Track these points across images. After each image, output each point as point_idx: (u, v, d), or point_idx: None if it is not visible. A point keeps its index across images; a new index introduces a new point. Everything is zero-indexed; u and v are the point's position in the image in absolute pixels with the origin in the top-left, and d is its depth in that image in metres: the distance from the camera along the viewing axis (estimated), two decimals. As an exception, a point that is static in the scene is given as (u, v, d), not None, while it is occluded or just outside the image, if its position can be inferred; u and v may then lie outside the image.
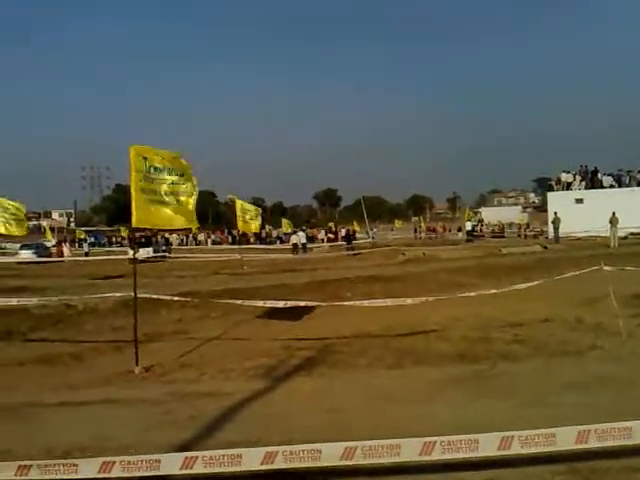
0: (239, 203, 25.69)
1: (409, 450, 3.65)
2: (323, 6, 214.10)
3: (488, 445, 3.65)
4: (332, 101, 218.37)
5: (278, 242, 52.28)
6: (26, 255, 36.12)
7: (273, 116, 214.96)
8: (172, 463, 3.79)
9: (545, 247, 30.09)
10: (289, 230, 45.47)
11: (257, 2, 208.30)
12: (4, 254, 40.33)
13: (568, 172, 42.92)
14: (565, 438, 3.65)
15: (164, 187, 8.81)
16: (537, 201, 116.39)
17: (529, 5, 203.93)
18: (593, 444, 3.64)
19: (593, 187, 41.09)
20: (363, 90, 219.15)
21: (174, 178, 8.95)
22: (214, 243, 56.50)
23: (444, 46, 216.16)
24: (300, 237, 39.09)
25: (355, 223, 59.03)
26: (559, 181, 43.35)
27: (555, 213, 35.76)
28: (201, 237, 61.47)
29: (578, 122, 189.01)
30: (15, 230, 20.37)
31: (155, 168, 8.71)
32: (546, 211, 44.87)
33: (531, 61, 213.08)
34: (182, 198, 9.05)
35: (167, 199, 8.85)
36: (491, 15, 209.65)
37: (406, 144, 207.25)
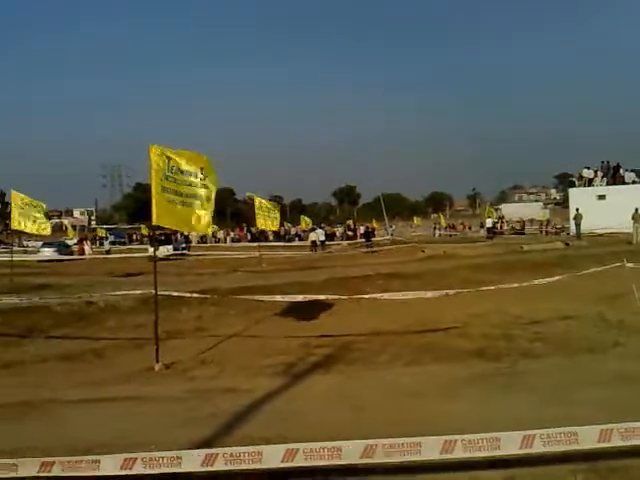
0: (258, 201, 25.77)
1: (430, 448, 3.63)
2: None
3: (510, 443, 3.61)
4: (350, 97, 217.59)
5: (297, 239, 52.29)
6: (48, 253, 36.52)
7: (293, 112, 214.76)
8: (193, 460, 3.80)
9: (567, 244, 29.78)
10: (308, 227, 45.53)
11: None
12: (26, 252, 40.79)
13: (590, 168, 42.45)
14: (587, 436, 3.61)
15: (184, 188, 8.87)
16: (558, 197, 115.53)
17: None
18: (616, 443, 3.58)
19: (615, 183, 40.60)
20: (381, 86, 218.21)
21: (194, 180, 9.00)
22: (233, 241, 56.61)
23: (463, 41, 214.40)
24: (319, 234, 39.07)
25: (374, 220, 59.00)
26: (581, 177, 42.90)
27: (577, 209, 35.41)
28: (220, 235, 61.67)
29: (600, 117, 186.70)
30: (38, 228, 20.59)
31: (177, 169, 8.78)
32: (567, 207, 44.48)
33: (555, 55, 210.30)
34: (201, 202, 9.10)
35: (187, 200, 8.92)
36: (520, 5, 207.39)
37: (425, 140, 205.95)
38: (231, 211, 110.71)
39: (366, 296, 11.54)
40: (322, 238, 39.15)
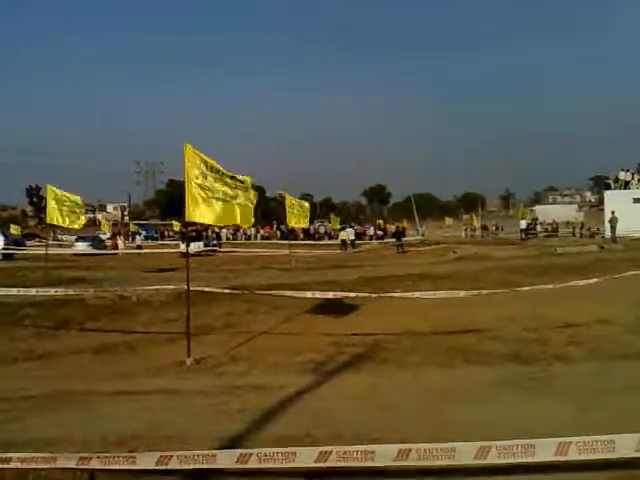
0: (289, 199, 25.85)
1: (464, 454, 3.58)
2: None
3: (544, 450, 3.54)
4: (382, 95, 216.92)
5: (326, 238, 52.36)
6: (82, 247, 37.16)
7: (326, 112, 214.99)
8: (227, 459, 3.83)
9: (602, 247, 29.25)
10: (337, 226, 45.60)
11: None
12: (61, 246, 41.56)
13: (627, 170, 41.64)
14: (624, 444, 3.52)
15: (220, 186, 8.91)
16: (593, 200, 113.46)
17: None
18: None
19: (652, 186, 39.78)
20: (414, 84, 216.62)
21: (231, 183, 9.08)
22: (263, 238, 56.98)
23: (493, 37, 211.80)
24: (349, 233, 39.04)
25: (404, 220, 58.77)
26: (617, 180, 42.12)
27: (612, 212, 34.77)
28: (251, 232, 62.10)
29: (637, 118, 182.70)
30: (72, 222, 20.90)
31: (213, 168, 8.84)
32: (602, 210, 43.70)
33: (590, 54, 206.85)
34: (239, 200, 9.20)
35: (224, 197, 8.96)
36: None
37: (458, 140, 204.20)
38: (262, 209, 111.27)
39: (397, 294, 11.47)
40: (352, 237, 39.11)
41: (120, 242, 41.17)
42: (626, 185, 41.09)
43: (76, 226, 21.15)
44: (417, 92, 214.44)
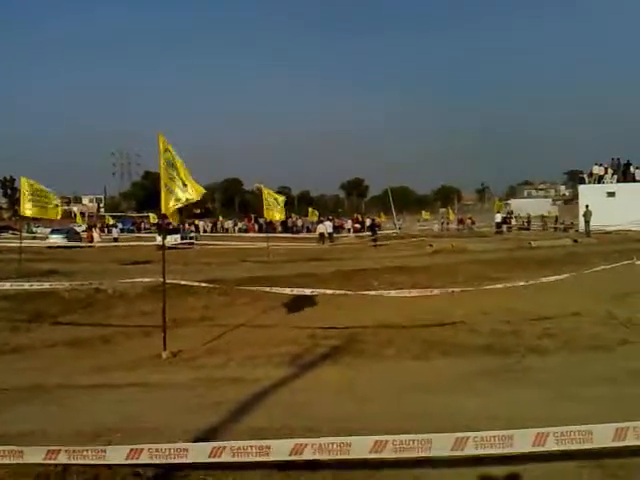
0: (266, 192, 25.77)
1: (441, 445, 3.60)
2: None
3: (522, 441, 3.58)
4: (359, 89, 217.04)
5: (304, 231, 52.33)
6: (56, 239, 36.66)
7: (301, 105, 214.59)
8: (200, 453, 3.79)
9: (575, 240, 29.64)
10: (315, 219, 45.61)
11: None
12: (35, 238, 40.97)
13: (600, 165, 42.19)
14: (602, 435, 3.56)
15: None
16: (567, 194, 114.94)
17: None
18: (631, 442, 3.54)
19: (625, 181, 40.34)
20: (391, 78, 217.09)
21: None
22: (241, 231, 56.72)
23: (473, 33, 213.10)
24: (327, 226, 39.07)
25: (382, 214, 58.97)
26: (591, 174, 42.64)
27: (587, 206, 35.22)
28: (228, 224, 61.79)
29: (610, 114, 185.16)
30: (48, 213, 20.67)
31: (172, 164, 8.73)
32: (577, 204, 44.25)
33: (563, 50, 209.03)
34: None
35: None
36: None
37: (434, 133, 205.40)
38: (239, 201, 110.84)
39: (372, 293, 11.52)
40: (330, 230, 39.15)
41: (96, 235, 40.72)
42: (600, 179, 41.60)
43: (53, 216, 20.92)
44: (395, 87, 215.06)
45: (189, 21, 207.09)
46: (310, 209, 49.02)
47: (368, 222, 49.21)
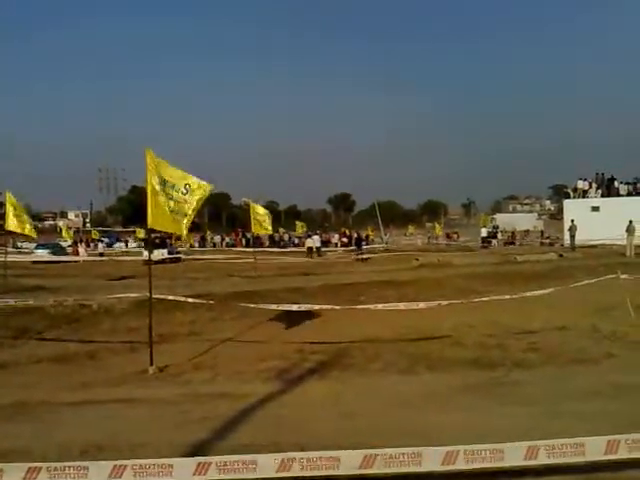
0: (253, 207, 25.83)
1: (431, 459, 3.59)
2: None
3: (513, 455, 3.57)
4: (348, 104, 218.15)
5: (291, 245, 52.29)
6: (42, 255, 36.36)
7: (290, 119, 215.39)
8: (185, 468, 3.75)
9: (561, 255, 29.81)
10: (302, 232, 45.61)
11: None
12: (20, 253, 40.61)
13: (584, 180, 42.60)
14: (594, 448, 3.57)
15: (174, 196, 8.83)
16: (552, 208, 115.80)
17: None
18: (622, 455, 3.55)
19: (609, 195, 40.76)
20: (378, 93, 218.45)
21: (180, 194, 8.94)
22: (228, 245, 56.54)
23: (460, 48, 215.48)
24: (315, 241, 39.08)
25: (369, 228, 59.07)
26: (575, 189, 43.04)
27: (572, 221, 35.48)
28: (216, 239, 61.60)
29: (595, 129, 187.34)
30: (28, 230, 20.76)
31: (163, 179, 8.75)
32: (561, 219, 44.59)
33: (548, 65, 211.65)
34: (181, 213, 9.01)
35: (174, 208, 8.84)
36: (506, 15, 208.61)
37: (420, 149, 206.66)
38: (226, 215, 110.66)
39: (359, 307, 11.55)
40: (318, 244, 39.15)
41: (81, 249, 40.46)
42: (584, 194, 42.00)
43: (26, 232, 20.98)
44: (381, 100, 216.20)
45: (171, 36, 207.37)
46: (298, 222, 48.99)
47: (355, 236, 49.22)
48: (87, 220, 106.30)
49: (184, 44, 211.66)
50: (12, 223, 19.66)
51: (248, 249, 38.19)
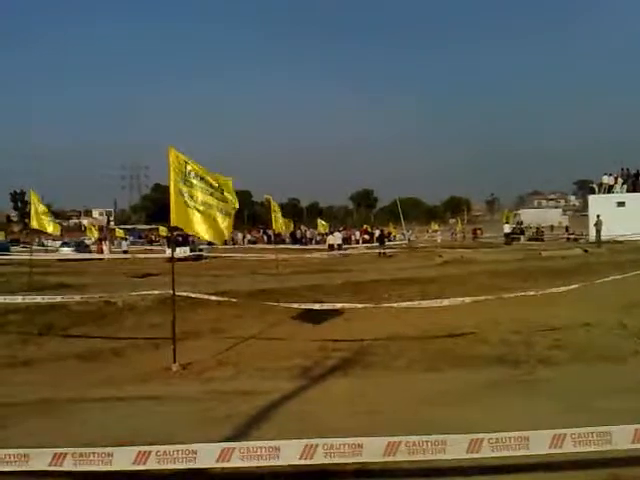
0: (274, 204, 25.95)
1: (455, 447, 3.53)
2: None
3: (539, 443, 3.51)
4: (370, 102, 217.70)
5: (313, 242, 52.26)
6: (66, 252, 36.78)
7: (311, 116, 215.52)
8: (208, 454, 3.73)
9: (586, 250, 29.45)
10: (324, 230, 45.55)
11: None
12: (46, 251, 41.11)
13: (610, 175, 42.02)
14: (621, 437, 3.50)
15: (200, 195, 8.75)
16: (577, 204, 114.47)
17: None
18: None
19: (635, 190, 40.15)
20: (400, 90, 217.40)
21: (213, 191, 8.89)
22: (250, 242, 56.73)
23: (481, 44, 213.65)
24: (336, 238, 39.02)
25: (391, 224, 58.84)
26: (601, 184, 42.47)
27: (598, 216, 35.04)
28: (237, 237, 61.86)
29: (621, 123, 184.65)
30: (53, 228, 21.01)
31: (195, 174, 8.74)
32: (586, 214, 44.05)
33: (576, 59, 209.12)
34: (217, 213, 8.89)
35: (201, 208, 8.74)
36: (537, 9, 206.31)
37: (444, 145, 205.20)
38: (248, 213, 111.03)
39: (382, 305, 11.50)
40: (339, 241, 39.09)
41: (105, 247, 40.84)
42: (610, 189, 41.44)
43: (50, 230, 21.26)
44: (404, 98, 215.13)
45: (193, 34, 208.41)
46: (319, 221, 48.96)
47: (377, 233, 49.06)
48: (111, 218, 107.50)
49: (207, 44, 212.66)
50: (36, 222, 19.91)
51: (269, 246, 38.33)
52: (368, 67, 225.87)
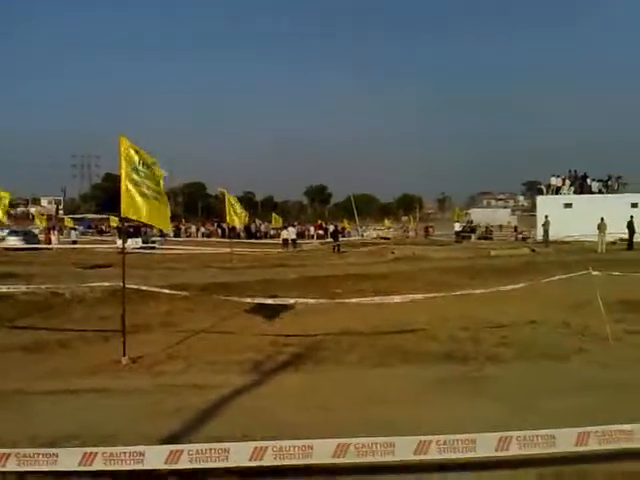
0: (231, 198, 25.81)
1: (404, 449, 3.60)
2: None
3: (486, 445, 3.60)
4: (327, 97, 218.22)
5: (267, 236, 52.18)
6: (13, 241, 35.74)
7: (268, 110, 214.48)
8: (156, 456, 3.71)
9: (533, 250, 30.22)
10: (279, 225, 45.53)
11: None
12: (-9, 240, 39.86)
13: (558, 176, 43.14)
14: (565, 440, 3.61)
15: (150, 183, 8.81)
16: (526, 204, 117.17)
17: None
18: (593, 446, 3.60)
19: (582, 192, 41.39)
20: (359, 86, 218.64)
21: (159, 181, 9.01)
22: (204, 235, 56.19)
23: (444, 47, 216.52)
24: (290, 232, 39.01)
25: (345, 220, 59.19)
26: (549, 185, 43.59)
27: (546, 216, 35.94)
28: (191, 229, 61.17)
29: (569, 127, 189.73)
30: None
31: (144, 164, 8.70)
32: (534, 215, 45.15)
33: (526, 63, 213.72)
34: (160, 199, 9.05)
35: (151, 196, 8.82)
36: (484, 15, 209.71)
37: (398, 143, 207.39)
38: (202, 205, 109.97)
39: (334, 301, 11.58)
40: (293, 236, 39.09)
41: (54, 237, 39.83)
42: (557, 191, 42.57)
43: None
44: (360, 95, 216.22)
45: (148, 22, 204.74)
46: (274, 215, 48.84)
47: (331, 228, 49.24)
48: (60, 207, 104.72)
49: (166, 32, 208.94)
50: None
51: (224, 240, 38.05)
52: (327, 63, 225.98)
